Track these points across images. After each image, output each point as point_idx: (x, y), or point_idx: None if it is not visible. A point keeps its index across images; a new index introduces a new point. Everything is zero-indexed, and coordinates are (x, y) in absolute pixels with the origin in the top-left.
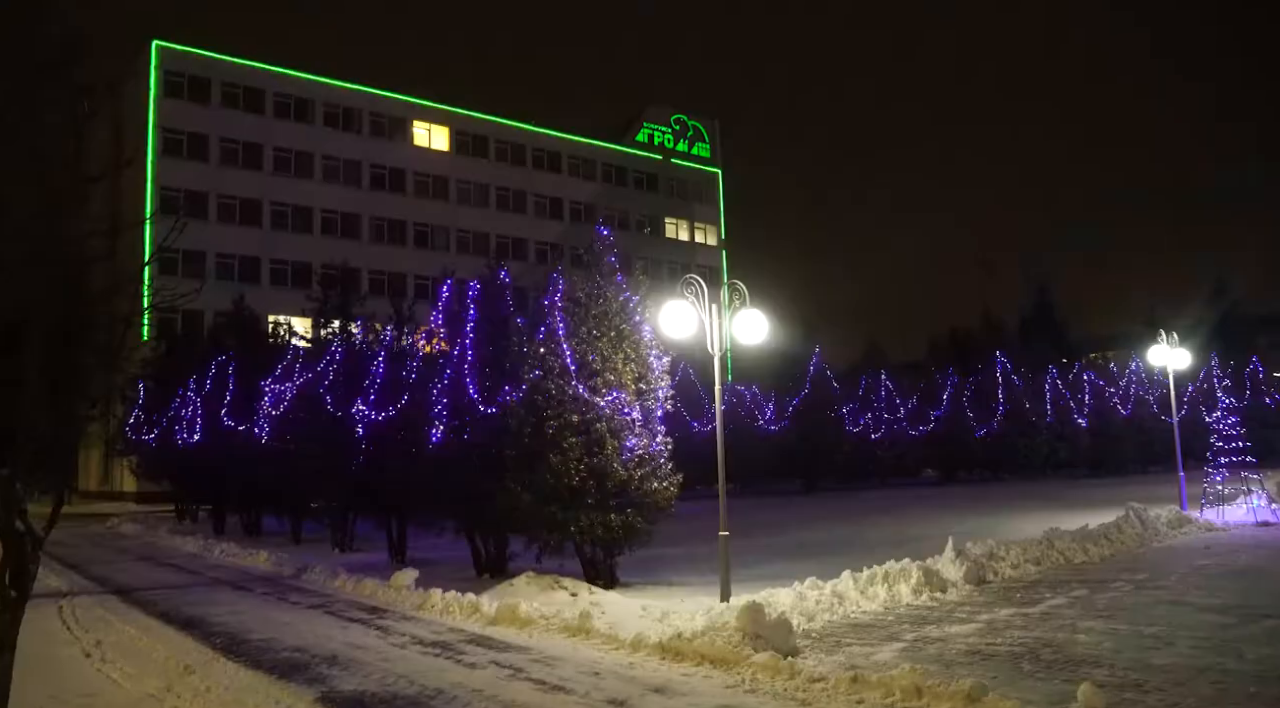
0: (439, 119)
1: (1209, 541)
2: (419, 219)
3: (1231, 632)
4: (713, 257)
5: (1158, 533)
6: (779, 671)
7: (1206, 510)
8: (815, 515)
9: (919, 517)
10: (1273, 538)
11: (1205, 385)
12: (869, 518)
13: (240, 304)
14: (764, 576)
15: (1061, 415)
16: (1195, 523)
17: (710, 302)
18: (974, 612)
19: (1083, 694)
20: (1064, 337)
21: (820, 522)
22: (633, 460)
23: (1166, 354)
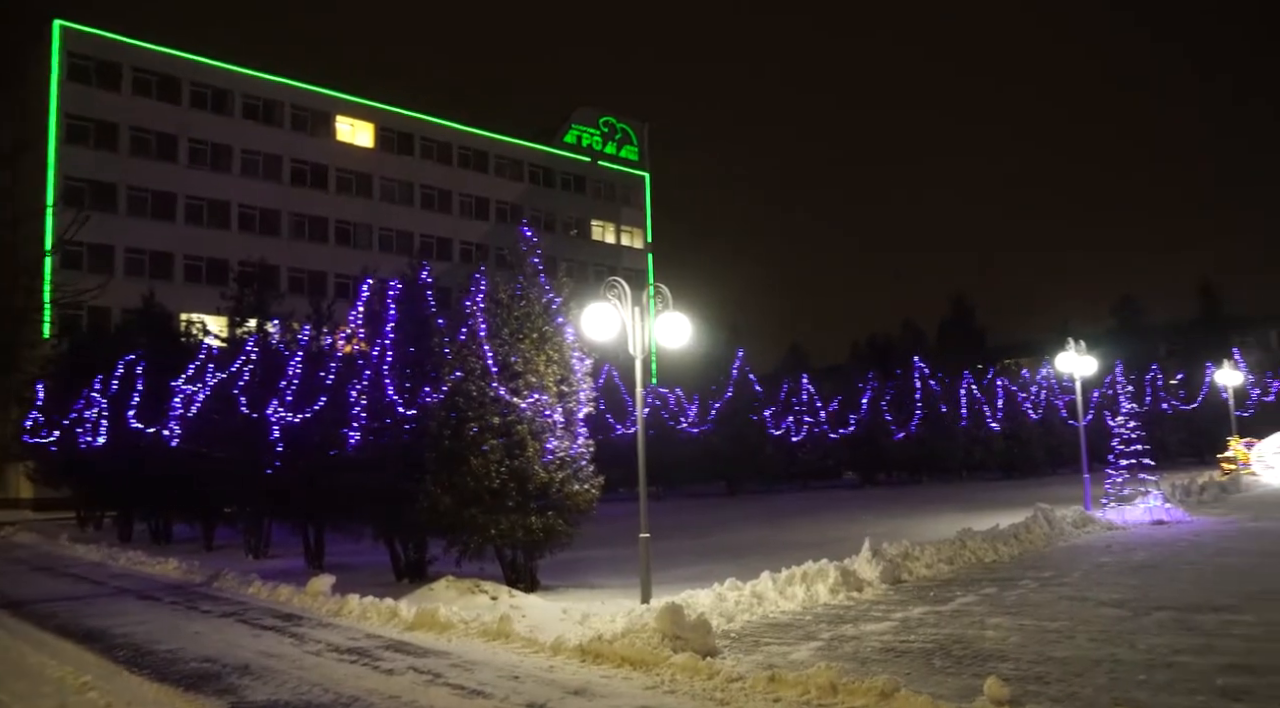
0: (363, 115)
1: (1110, 539)
2: (341, 216)
3: (1126, 624)
4: (639, 260)
5: (1063, 532)
6: (698, 671)
7: (1108, 511)
8: (737, 517)
9: (838, 518)
10: (1167, 536)
11: (1110, 392)
12: (789, 520)
13: (151, 301)
14: (685, 577)
15: (976, 419)
16: (1098, 523)
17: (633, 304)
18: (889, 610)
19: (989, 688)
20: (981, 343)
21: (742, 523)
22: (554, 463)
23: (1075, 361)
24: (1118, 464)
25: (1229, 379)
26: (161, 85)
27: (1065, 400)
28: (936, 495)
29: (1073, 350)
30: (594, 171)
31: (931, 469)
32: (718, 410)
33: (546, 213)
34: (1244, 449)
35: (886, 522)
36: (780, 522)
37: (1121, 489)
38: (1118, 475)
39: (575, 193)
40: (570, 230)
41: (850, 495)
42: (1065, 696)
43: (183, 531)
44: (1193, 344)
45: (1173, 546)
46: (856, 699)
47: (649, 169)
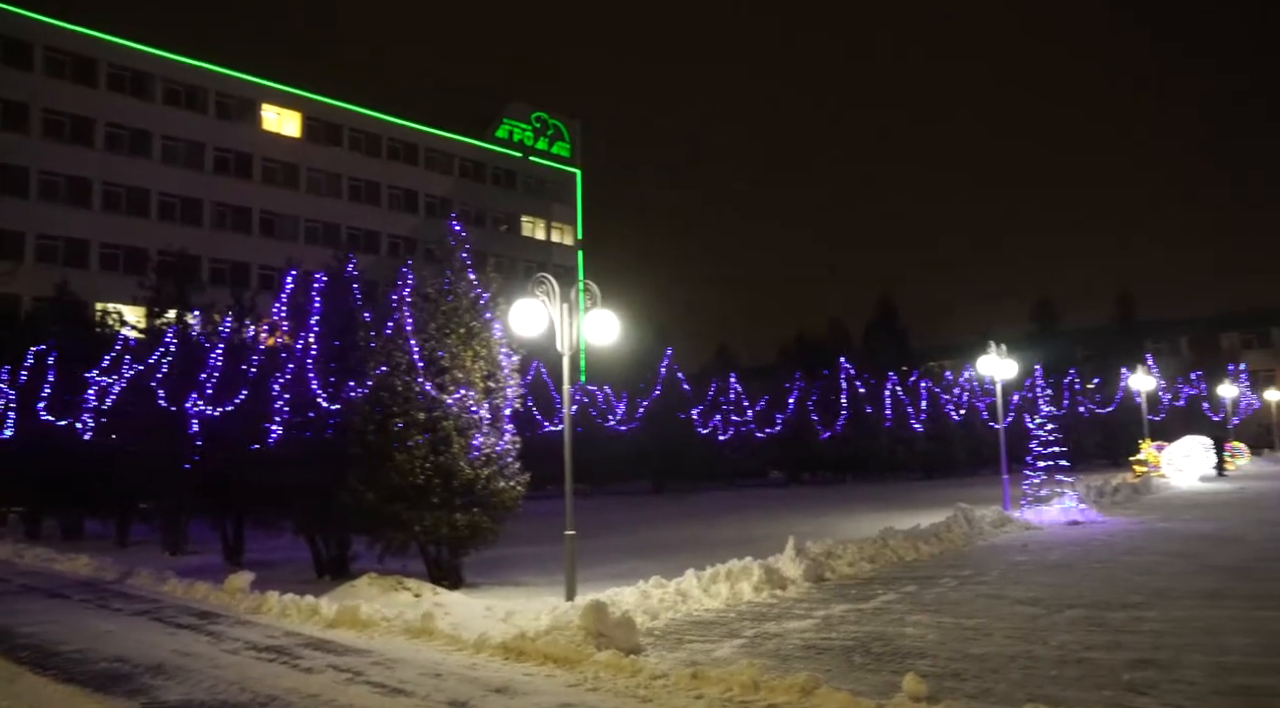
0: (290, 104)
1: (1027, 539)
2: (266, 207)
3: (1041, 622)
4: (569, 256)
5: (982, 532)
6: (621, 668)
7: (1026, 511)
8: (664, 515)
9: (764, 517)
10: (1081, 536)
11: (1029, 394)
12: (716, 518)
13: (64, 289)
14: (611, 575)
15: (900, 420)
16: (1015, 522)
17: (562, 301)
18: (811, 608)
19: (907, 684)
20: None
21: (668, 522)
22: (480, 459)
23: (995, 364)
24: (1035, 465)
25: (1142, 384)
26: (77, 67)
27: (986, 403)
28: (860, 495)
29: (994, 354)
30: (525, 167)
31: (856, 469)
32: (646, 409)
33: (476, 208)
34: (1155, 452)
35: (811, 520)
36: (706, 520)
37: (1039, 490)
38: (1035, 476)
39: (506, 188)
40: (500, 226)
41: (776, 494)
42: (981, 692)
43: (95, 527)
44: (1109, 349)
45: (1086, 545)
46: (778, 696)
47: (581, 166)
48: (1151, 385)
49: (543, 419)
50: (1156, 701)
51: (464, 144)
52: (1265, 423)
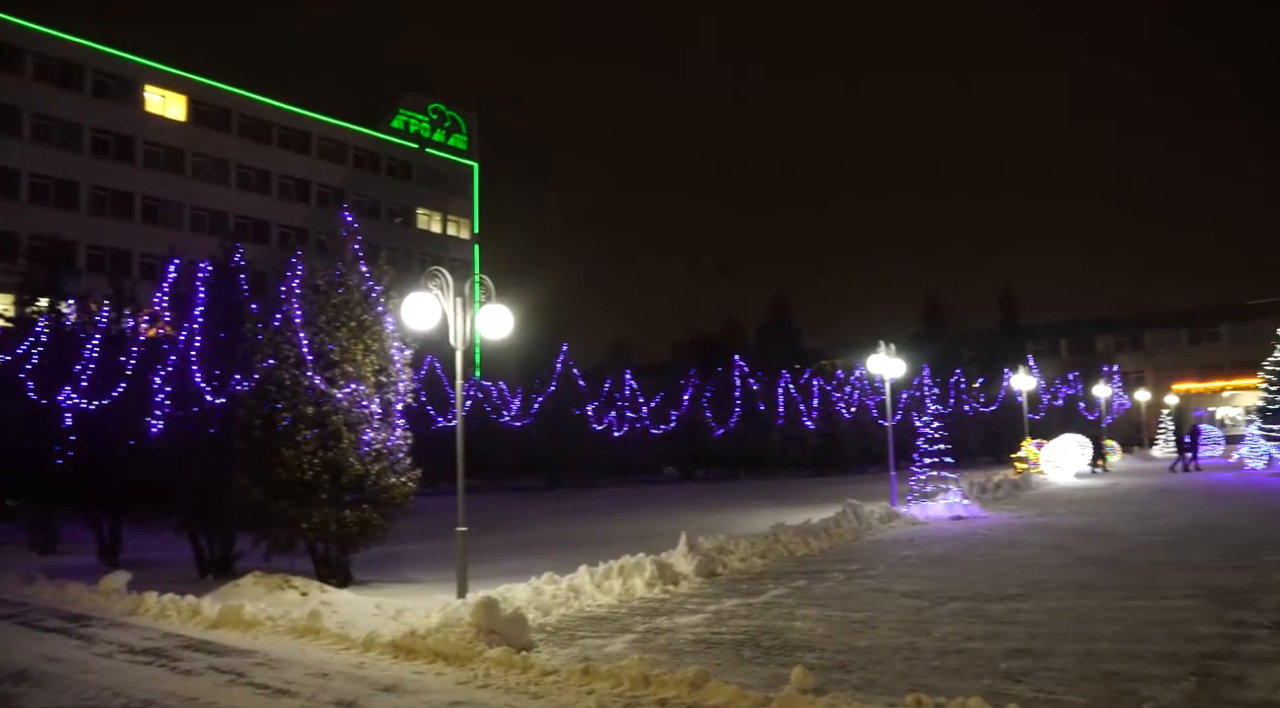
0: (176, 86)
1: (913, 534)
2: (149, 192)
3: (924, 614)
4: (465, 250)
5: (870, 527)
6: (512, 665)
7: (912, 506)
8: (558, 512)
9: (658, 513)
10: (964, 530)
11: (917, 393)
12: (610, 514)
13: None
14: (504, 571)
15: (793, 417)
16: (902, 518)
17: (456, 295)
18: (703, 603)
19: (795, 677)
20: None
21: (563, 518)
22: (370, 455)
23: (885, 364)
24: (922, 462)
25: (1023, 384)
26: None
27: (876, 401)
28: (754, 491)
29: (883, 353)
30: (421, 159)
31: (750, 465)
32: (540, 405)
33: (371, 199)
34: (1035, 450)
35: (704, 517)
36: (600, 516)
37: (924, 486)
38: (922, 473)
39: (401, 180)
40: (395, 218)
41: (670, 491)
42: (866, 683)
43: None
44: (993, 351)
45: (968, 539)
46: (668, 690)
47: (479, 159)
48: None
49: (436, 415)
50: (1030, 688)
51: (359, 134)
52: (1135, 422)
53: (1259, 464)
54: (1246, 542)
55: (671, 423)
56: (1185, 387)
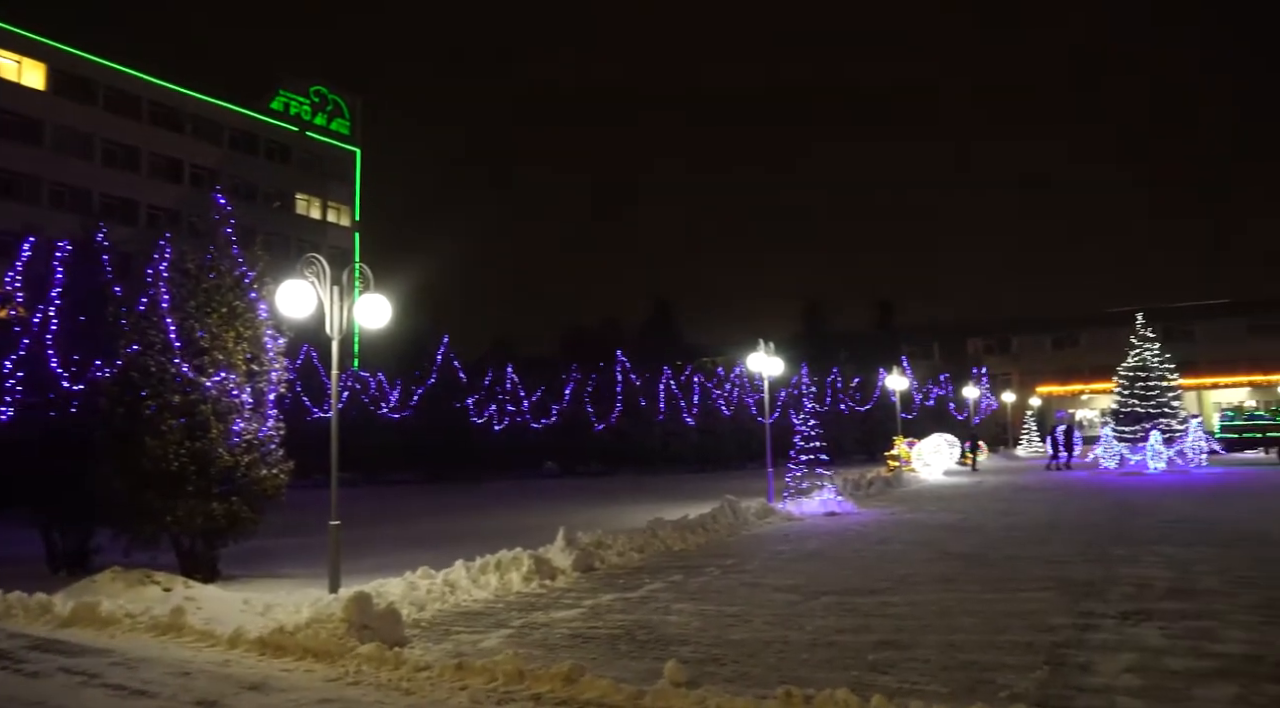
0: (34, 52)
1: (788, 529)
2: (2, 165)
3: (797, 608)
4: (345, 237)
5: (747, 523)
6: (384, 661)
7: (788, 502)
8: (436, 506)
9: (537, 507)
10: (838, 526)
11: (795, 392)
12: (489, 509)
13: None
14: (379, 566)
15: (674, 413)
16: (778, 514)
17: (333, 283)
18: (580, 597)
19: (669, 671)
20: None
21: (440, 512)
22: (241, 445)
23: (764, 362)
24: (798, 459)
25: (897, 384)
26: None
27: (755, 399)
28: (634, 486)
29: (762, 352)
30: (301, 142)
31: (630, 461)
32: (420, 397)
33: (247, 182)
34: (907, 448)
35: (583, 511)
36: (479, 511)
37: (800, 483)
38: (798, 470)
39: (280, 163)
40: (273, 202)
41: (550, 485)
42: (738, 676)
43: None
44: (869, 352)
45: (842, 535)
46: (542, 685)
47: (361, 145)
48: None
49: (312, 405)
50: (896, 678)
51: (236, 114)
52: (1001, 422)
53: (1112, 464)
54: (1098, 537)
55: (553, 418)
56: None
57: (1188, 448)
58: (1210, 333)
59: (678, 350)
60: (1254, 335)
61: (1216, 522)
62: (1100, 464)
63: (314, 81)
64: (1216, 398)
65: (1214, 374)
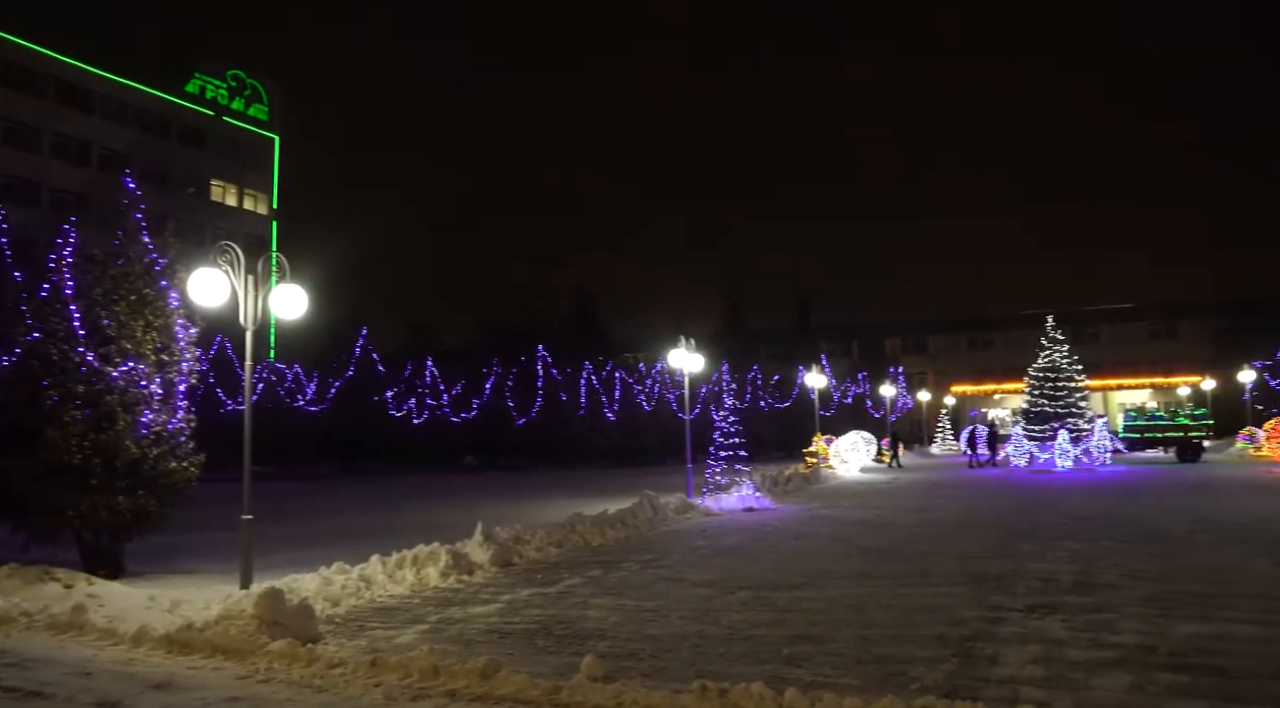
0: None
1: (706, 525)
2: None
3: (714, 602)
4: (262, 226)
5: (666, 518)
6: (296, 658)
7: (707, 498)
8: (354, 500)
9: (456, 502)
10: (756, 522)
11: (715, 388)
12: (408, 503)
13: None
14: (293, 561)
15: (594, 408)
16: (697, 509)
17: (247, 273)
18: (497, 593)
19: (586, 665)
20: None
21: (358, 506)
22: (148, 438)
23: (685, 358)
24: (718, 455)
25: (816, 382)
26: None
27: (676, 395)
28: (554, 481)
29: (683, 348)
30: (218, 127)
31: (551, 455)
32: (338, 389)
33: (160, 166)
34: (824, 445)
35: (503, 506)
36: (397, 505)
37: (719, 479)
38: (717, 466)
39: (195, 148)
40: (187, 188)
41: (470, 480)
42: (655, 670)
43: None
44: (789, 350)
45: (759, 531)
46: (458, 681)
47: (280, 132)
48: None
49: (226, 397)
50: (810, 672)
51: (148, 95)
52: (917, 420)
53: (1022, 462)
54: (1007, 533)
55: (473, 411)
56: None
57: (1093, 447)
58: (1115, 336)
59: (600, 345)
60: (1154, 339)
61: (1118, 518)
62: (1011, 462)
63: (232, 65)
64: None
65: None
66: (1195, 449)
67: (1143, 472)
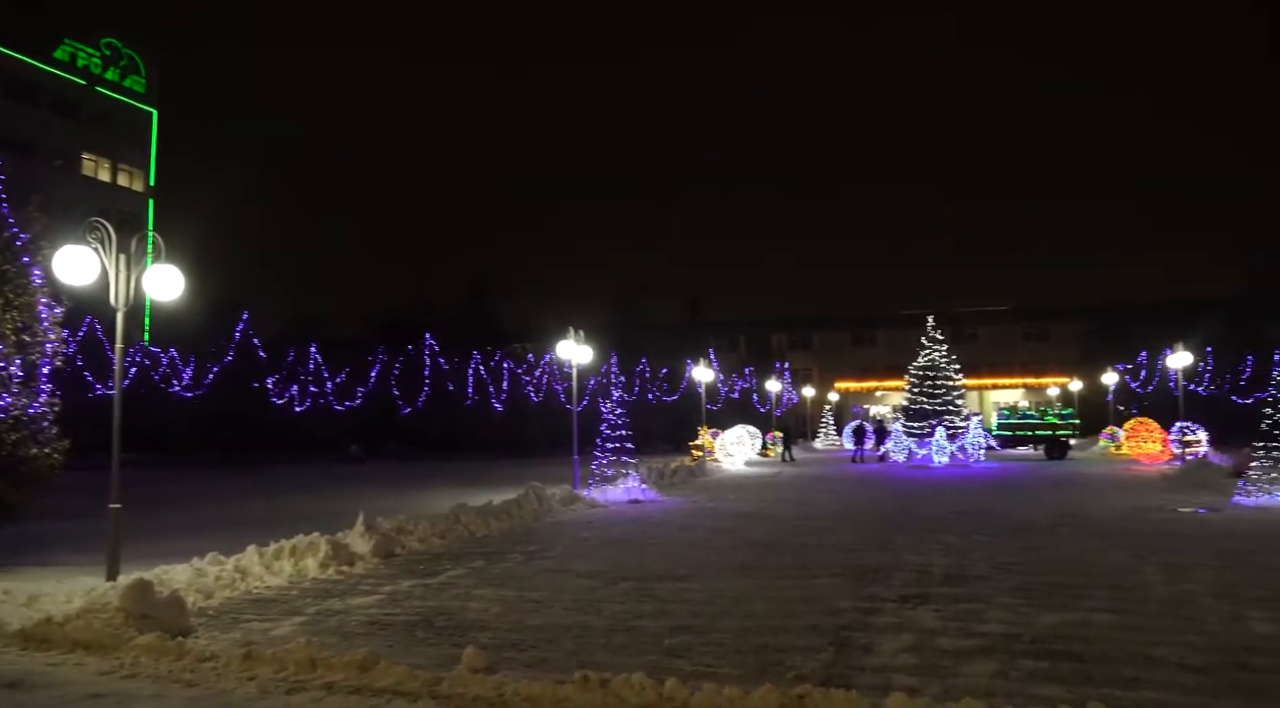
0: None
1: (592, 516)
2: None
3: (597, 593)
4: (138, 203)
5: (552, 509)
6: (165, 652)
7: (593, 490)
8: (232, 489)
9: (339, 492)
10: (641, 514)
11: (604, 380)
12: (289, 493)
13: None
14: (166, 552)
15: (483, 399)
16: (583, 501)
17: (119, 251)
18: (378, 584)
19: (467, 657)
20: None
21: (237, 495)
22: (7, 422)
23: (573, 350)
24: (605, 447)
25: (703, 376)
26: None
27: (564, 386)
28: (439, 471)
29: (572, 340)
30: (92, 98)
31: (437, 446)
32: (216, 374)
33: (26, 136)
34: (710, 439)
35: (387, 496)
36: (278, 495)
37: (606, 470)
38: (604, 458)
39: (64, 118)
40: (55, 160)
41: (355, 470)
42: (537, 661)
43: None
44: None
45: (645, 522)
46: (335, 673)
47: (158, 106)
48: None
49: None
50: (690, 662)
51: (14, 60)
52: (801, 415)
53: (901, 457)
54: (886, 526)
55: (358, 400)
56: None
57: (968, 444)
58: (991, 337)
59: (491, 335)
60: (1028, 341)
61: (990, 512)
62: (890, 457)
63: (106, 33)
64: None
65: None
66: (1062, 447)
67: (1014, 468)
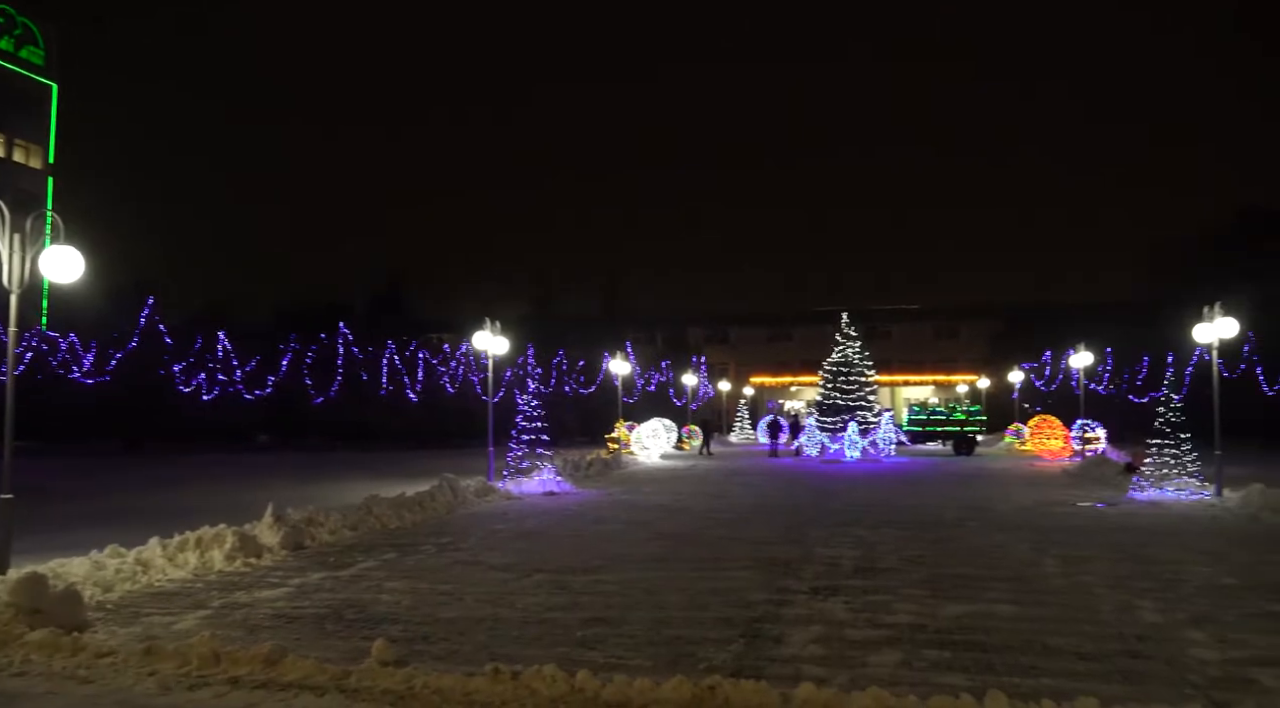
0: None
1: (506, 508)
2: None
3: (510, 585)
4: (36, 182)
5: (465, 501)
6: (59, 648)
7: (508, 482)
8: (135, 479)
9: (248, 482)
10: (556, 506)
11: (521, 372)
12: (196, 483)
13: None
14: (64, 545)
15: (397, 390)
16: (498, 492)
17: (13, 231)
18: (286, 576)
19: (376, 649)
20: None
21: (141, 486)
22: None
23: (489, 341)
24: (520, 439)
25: (620, 369)
26: None
27: (480, 377)
28: (352, 462)
29: (488, 331)
30: None
31: (350, 436)
32: (119, 361)
33: None
34: (626, 431)
35: (297, 487)
36: (181, 484)
37: (521, 462)
38: (519, 449)
39: None
40: None
41: (264, 460)
42: (448, 653)
43: None
44: (595, 336)
45: (559, 515)
46: (240, 668)
47: (58, 79)
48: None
49: None
50: (603, 654)
51: None
52: (717, 409)
53: (815, 452)
54: (799, 520)
55: (267, 388)
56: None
57: (880, 439)
58: (904, 335)
59: (407, 325)
60: (939, 339)
61: (900, 507)
62: (804, 452)
63: None
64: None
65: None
66: (969, 443)
67: (923, 463)
